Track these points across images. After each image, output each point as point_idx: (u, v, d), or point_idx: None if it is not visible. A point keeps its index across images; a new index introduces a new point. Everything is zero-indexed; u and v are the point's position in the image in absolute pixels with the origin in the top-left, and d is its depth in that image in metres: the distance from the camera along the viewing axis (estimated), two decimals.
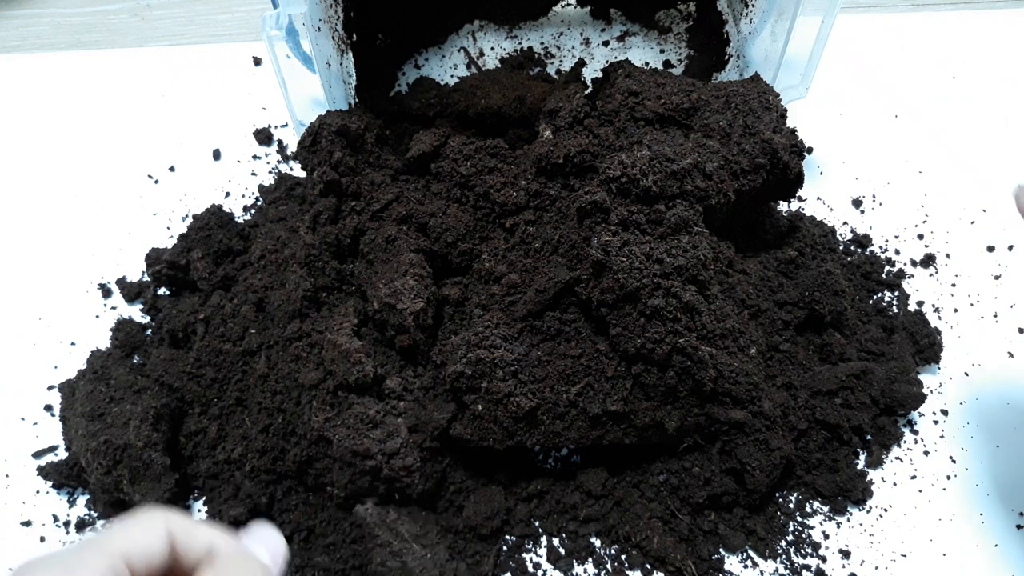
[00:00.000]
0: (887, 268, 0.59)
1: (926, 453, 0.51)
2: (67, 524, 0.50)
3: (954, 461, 0.51)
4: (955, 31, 0.74)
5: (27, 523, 0.50)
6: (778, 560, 0.47)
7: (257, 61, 0.73)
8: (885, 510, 0.49)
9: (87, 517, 0.50)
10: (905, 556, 0.48)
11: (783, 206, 0.61)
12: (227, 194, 0.64)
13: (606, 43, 0.73)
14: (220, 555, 0.28)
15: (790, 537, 0.48)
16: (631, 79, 0.53)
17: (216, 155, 0.67)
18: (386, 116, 0.62)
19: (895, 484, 0.50)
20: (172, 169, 0.66)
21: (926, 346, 0.54)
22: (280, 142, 0.67)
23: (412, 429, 0.46)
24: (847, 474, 0.49)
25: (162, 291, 0.58)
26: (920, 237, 0.61)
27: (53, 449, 0.52)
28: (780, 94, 0.53)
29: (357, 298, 0.51)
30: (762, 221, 0.56)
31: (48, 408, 0.54)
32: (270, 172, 0.65)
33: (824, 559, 0.47)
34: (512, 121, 0.61)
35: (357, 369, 0.45)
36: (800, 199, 0.63)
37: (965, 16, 0.76)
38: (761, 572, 0.47)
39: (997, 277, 0.59)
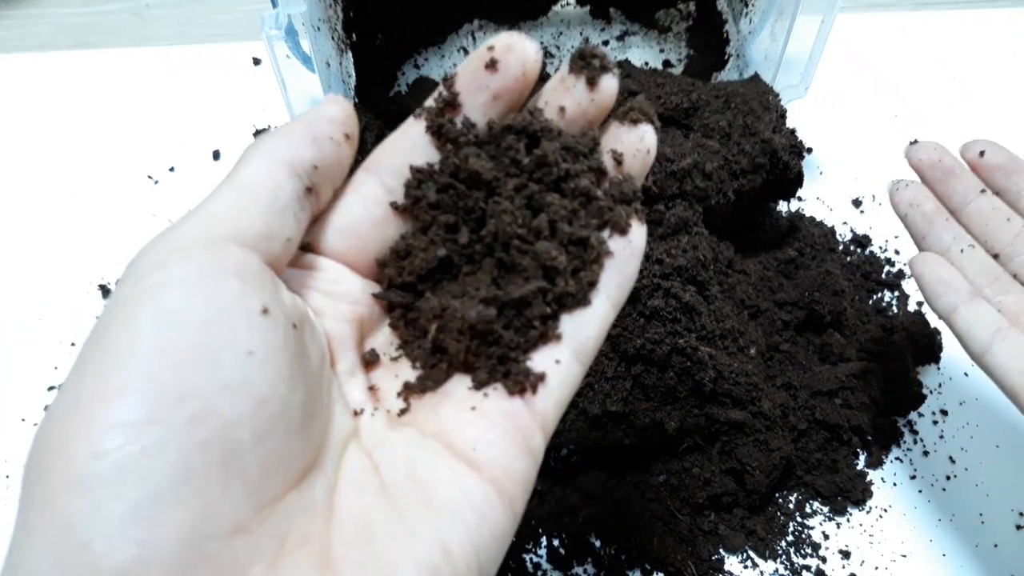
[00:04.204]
0: (887, 268, 0.59)
1: (926, 453, 0.51)
2: None
3: (954, 461, 0.51)
4: (955, 31, 0.74)
5: None
6: (778, 560, 0.47)
7: (257, 61, 0.73)
8: (885, 510, 0.49)
9: None
10: (905, 556, 0.48)
11: (783, 206, 0.61)
12: None
13: (606, 43, 0.73)
14: None
15: (790, 537, 0.48)
16: (631, 79, 0.53)
17: (216, 155, 0.67)
18: (386, 116, 0.62)
19: (895, 484, 0.50)
20: (172, 169, 0.66)
21: (926, 346, 0.54)
22: None
23: None
24: (847, 474, 0.49)
25: None
26: None
27: None
28: (780, 94, 0.53)
29: None
30: (762, 221, 0.56)
31: (48, 408, 0.54)
32: None
33: (824, 559, 0.47)
34: None
35: None
36: (800, 199, 0.63)
37: (965, 16, 0.76)
38: (761, 572, 0.47)
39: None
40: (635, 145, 0.25)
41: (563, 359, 0.23)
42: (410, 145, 0.25)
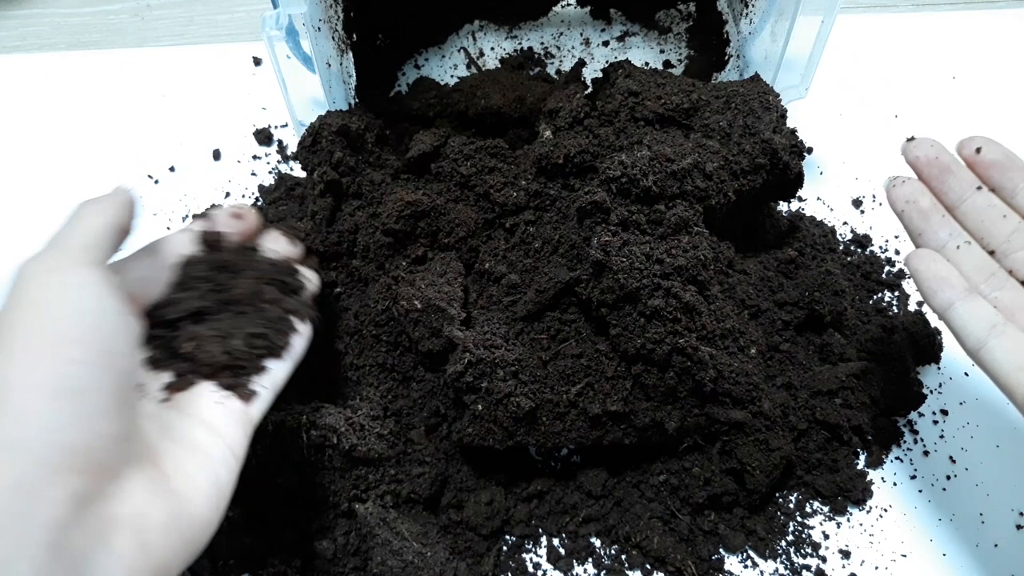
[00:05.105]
0: (887, 268, 0.59)
1: (926, 453, 0.51)
2: None
3: (954, 461, 0.51)
4: (955, 31, 0.74)
5: None
6: (778, 560, 0.47)
7: (257, 61, 0.73)
8: (885, 510, 0.49)
9: None
10: (905, 556, 0.48)
11: (783, 206, 0.61)
12: (227, 194, 0.64)
13: (606, 43, 0.73)
14: None
15: (790, 537, 0.48)
16: (631, 79, 0.53)
17: (216, 155, 0.67)
18: (386, 116, 0.62)
19: (895, 484, 0.50)
20: (172, 169, 0.66)
21: (926, 346, 0.54)
22: (280, 142, 0.67)
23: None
24: (847, 474, 0.50)
25: None
26: None
27: None
28: (780, 94, 0.53)
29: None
30: (762, 221, 0.56)
31: None
32: (270, 172, 0.65)
33: (824, 559, 0.48)
34: (512, 121, 0.61)
35: None
36: (800, 199, 0.63)
37: (965, 16, 0.76)
38: (761, 572, 0.47)
39: None
40: (281, 248, 0.45)
41: (266, 387, 0.38)
42: (187, 241, 0.40)
